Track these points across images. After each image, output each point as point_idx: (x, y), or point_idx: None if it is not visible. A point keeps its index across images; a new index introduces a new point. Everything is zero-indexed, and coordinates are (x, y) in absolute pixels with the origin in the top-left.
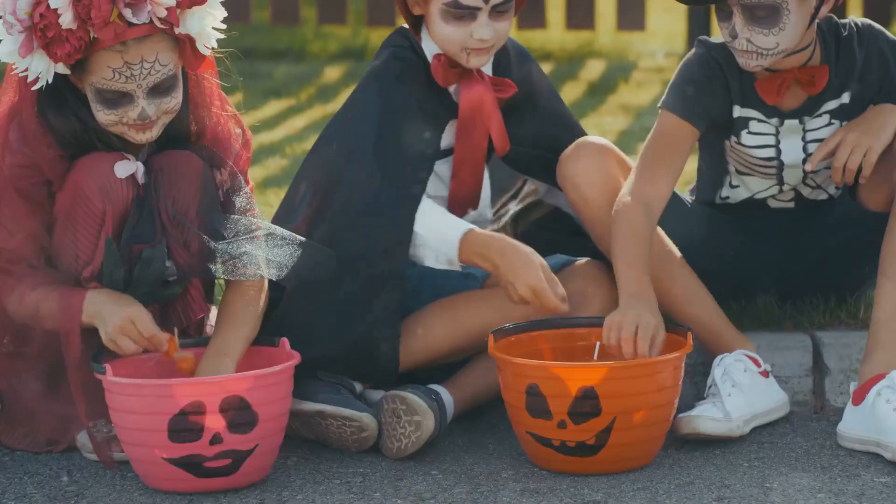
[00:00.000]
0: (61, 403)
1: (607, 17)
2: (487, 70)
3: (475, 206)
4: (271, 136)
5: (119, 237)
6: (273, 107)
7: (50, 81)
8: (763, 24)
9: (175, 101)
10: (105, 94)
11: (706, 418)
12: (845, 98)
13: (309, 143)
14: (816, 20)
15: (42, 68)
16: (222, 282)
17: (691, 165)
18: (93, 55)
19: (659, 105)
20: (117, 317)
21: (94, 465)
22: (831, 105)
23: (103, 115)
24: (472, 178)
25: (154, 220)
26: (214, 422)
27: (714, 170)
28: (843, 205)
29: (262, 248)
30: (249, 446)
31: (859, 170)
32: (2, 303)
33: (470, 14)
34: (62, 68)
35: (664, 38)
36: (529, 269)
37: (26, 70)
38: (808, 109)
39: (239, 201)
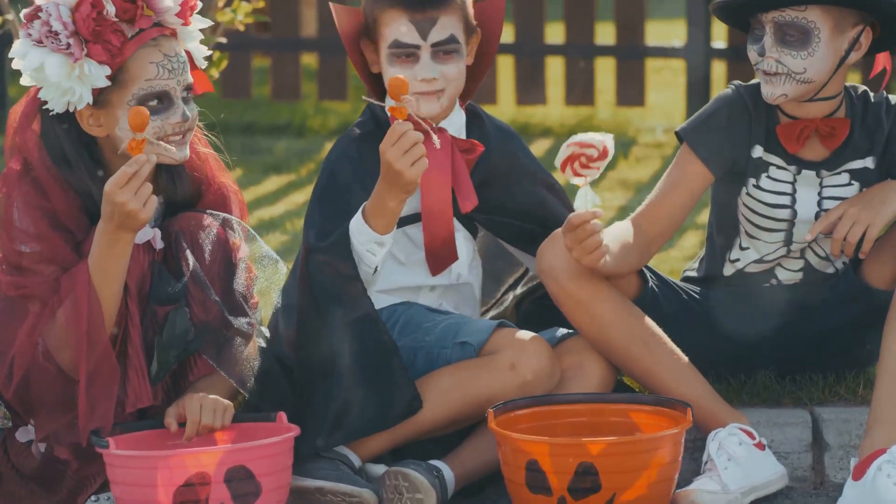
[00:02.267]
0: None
1: (606, 92)
2: (460, 134)
3: (454, 257)
4: (271, 212)
5: (137, 301)
6: (273, 182)
7: (83, 102)
8: (793, 46)
9: (196, 112)
10: (147, 99)
11: (704, 492)
12: (869, 162)
13: None
14: (845, 64)
15: (97, 74)
16: None
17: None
18: (130, 61)
19: (677, 130)
20: (108, 206)
21: None
22: (854, 165)
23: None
24: (444, 230)
25: (175, 282)
26: (219, 492)
27: (725, 230)
28: (845, 283)
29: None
30: None
31: (860, 244)
32: (40, 334)
33: (412, 54)
34: (102, 80)
35: (663, 113)
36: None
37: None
38: (828, 164)
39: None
